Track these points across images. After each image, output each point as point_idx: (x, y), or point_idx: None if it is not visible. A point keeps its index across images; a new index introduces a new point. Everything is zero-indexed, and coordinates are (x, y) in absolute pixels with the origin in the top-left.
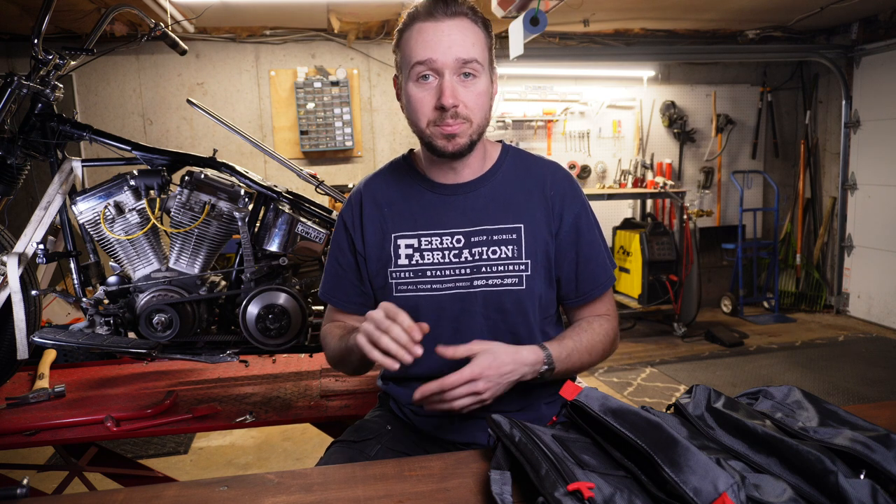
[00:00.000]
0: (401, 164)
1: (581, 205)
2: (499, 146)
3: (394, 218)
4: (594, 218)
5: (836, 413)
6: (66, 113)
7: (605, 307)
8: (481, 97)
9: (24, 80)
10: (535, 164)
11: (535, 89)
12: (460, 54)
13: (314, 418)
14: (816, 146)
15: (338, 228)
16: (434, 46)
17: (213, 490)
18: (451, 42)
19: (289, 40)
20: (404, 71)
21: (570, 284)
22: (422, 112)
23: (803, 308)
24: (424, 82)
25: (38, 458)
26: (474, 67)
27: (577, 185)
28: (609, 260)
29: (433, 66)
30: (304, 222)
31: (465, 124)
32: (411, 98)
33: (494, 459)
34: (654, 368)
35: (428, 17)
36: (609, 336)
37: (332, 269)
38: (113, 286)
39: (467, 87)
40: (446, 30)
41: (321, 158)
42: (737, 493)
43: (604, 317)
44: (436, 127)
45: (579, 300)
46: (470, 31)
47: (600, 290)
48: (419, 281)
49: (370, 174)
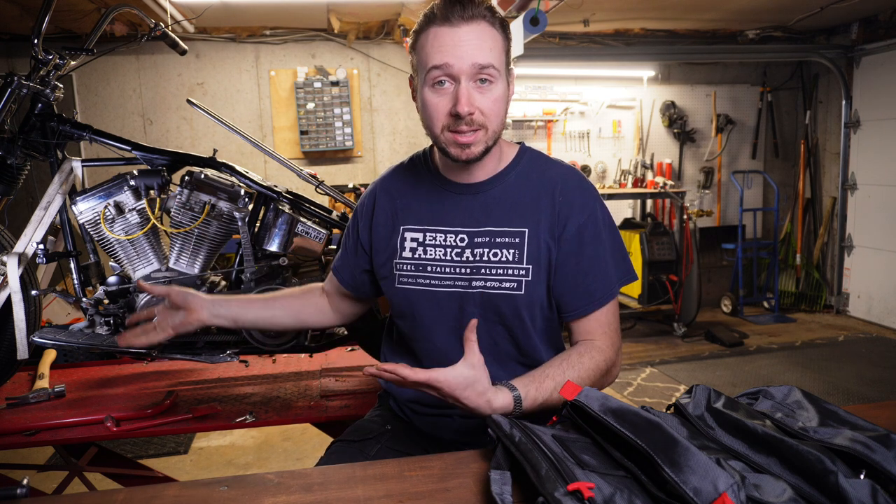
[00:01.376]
0: (420, 159)
1: (589, 215)
2: (516, 147)
3: (404, 211)
4: (605, 230)
5: (836, 413)
6: (66, 113)
7: (602, 328)
8: (497, 103)
9: (24, 80)
10: (550, 169)
11: (535, 89)
12: (477, 59)
13: (314, 418)
14: (816, 146)
15: (354, 215)
16: (450, 52)
17: (213, 490)
18: (467, 48)
19: (289, 40)
20: (420, 74)
21: (563, 296)
22: (437, 118)
23: (803, 308)
24: (440, 88)
25: (38, 458)
26: (491, 73)
27: (591, 193)
28: (619, 275)
29: (449, 71)
30: (304, 222)
31: (479, 132)
32: (427, 103)
33: (494, 459)
34: (654, 368)
35: (444, 21)
36: (599, 371)
37: (343, 251)
38: (113, 286)
39: (483, 94)
40: (463, 35)
41: (321, 158)
42: (737, 493)
43: (597, 349)
44: (450, 133)
45: (571, 315)
46: (487, 35)
47: (595, 305)
48: (419, 275)
49: (392, 166)
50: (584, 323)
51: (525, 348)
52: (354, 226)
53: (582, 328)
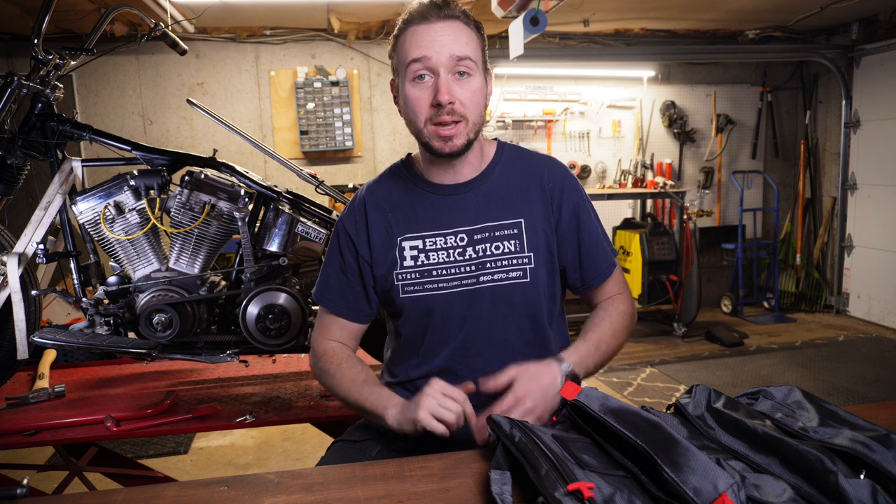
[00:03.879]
0: (400, 169)
1: (578, 195)
2: (494, 144)
3: (398, 222)
4: (592, 208)
5: (836, 413)
6: (66, 113)
7: (616, 287)
8: (476, 95)
9: (24, 80)
10: (531, 160)
11: (535, 89)
12: (454, 51)
13: (314, 418)
14: (816, 146)
15: (338, 234)
16: (428, 45)
17: (213, 490)
18: (444, 41)
19: (289, 40)
20: (401, 73)
21: (574, 273)
22: (419, 110)
23: (803, 308)
24: (420, 82)
25: (38, 458)
26: (468, 65)
27: (573, 176)
28: (609, 247)
29: (428, 63)
30: (304, 222)
31: (460, 123)
32: (408, 97)
33: (494, 459)
34: (654, 368)
35: (422, 19)
36: (627, 314)
37: (334, 274)
38: (113, 286)
39: (462, 86)
40: (440, 30)
41: (321, 158)
42: (737, 493)
43: (617, 297)
44: (433, 126)
45: (585, 287)
46: (463, 32)
47: (601, 278)
48: (426, 281)
49: (371, 180)
50: (599, 292)
51: (535, 340)
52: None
53: (598, 295)
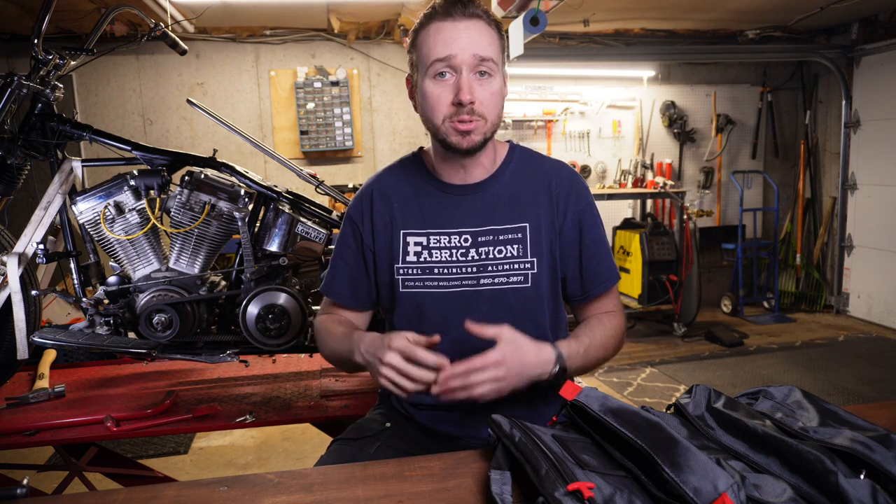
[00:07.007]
0: (412, 161)
1: (585, 203)
2: (506, 146)
3: (402, 214)
4: (598, 217)
5: (836, 413)
6: (66, 113)
7: (612, 304)
8: (496, 96)
9: (24, 80)
10: (542, 163)
11: (535, 89)
12: (478, 51)
13: (314, 418)
14: (816, 146)
15: (345, 224)
16: (452, 44)
17: (213, 490)
18: (469, 40)
19: (289, 40)
20: (420, 69)
21: (574, 282)
22: (438, 108)
23: (803, 308)
24: (441, 79)
25: (38, 458)
26: (490, 66)
27: (583, 183)
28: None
29: (452, 62)
30: (304, 222)
31: (479, 121)
32: (428, 95)
33: (494, 459)
34: (654, 368)
35: (446, 16)
36: (619, 331)
37: (338, 264)
38: (113, 286)
39: (483, 86)
40: (464, 29)
41: (321, 158)
42: (737, 493)
43: (612, 313)
44: (451, 123)
45: (584, 298)
46: (486, 32)
47: (603, 287)
48: (426, 278)
49: (381, 170)
50: (594, 305)
51: None
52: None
53: (593, 309)
